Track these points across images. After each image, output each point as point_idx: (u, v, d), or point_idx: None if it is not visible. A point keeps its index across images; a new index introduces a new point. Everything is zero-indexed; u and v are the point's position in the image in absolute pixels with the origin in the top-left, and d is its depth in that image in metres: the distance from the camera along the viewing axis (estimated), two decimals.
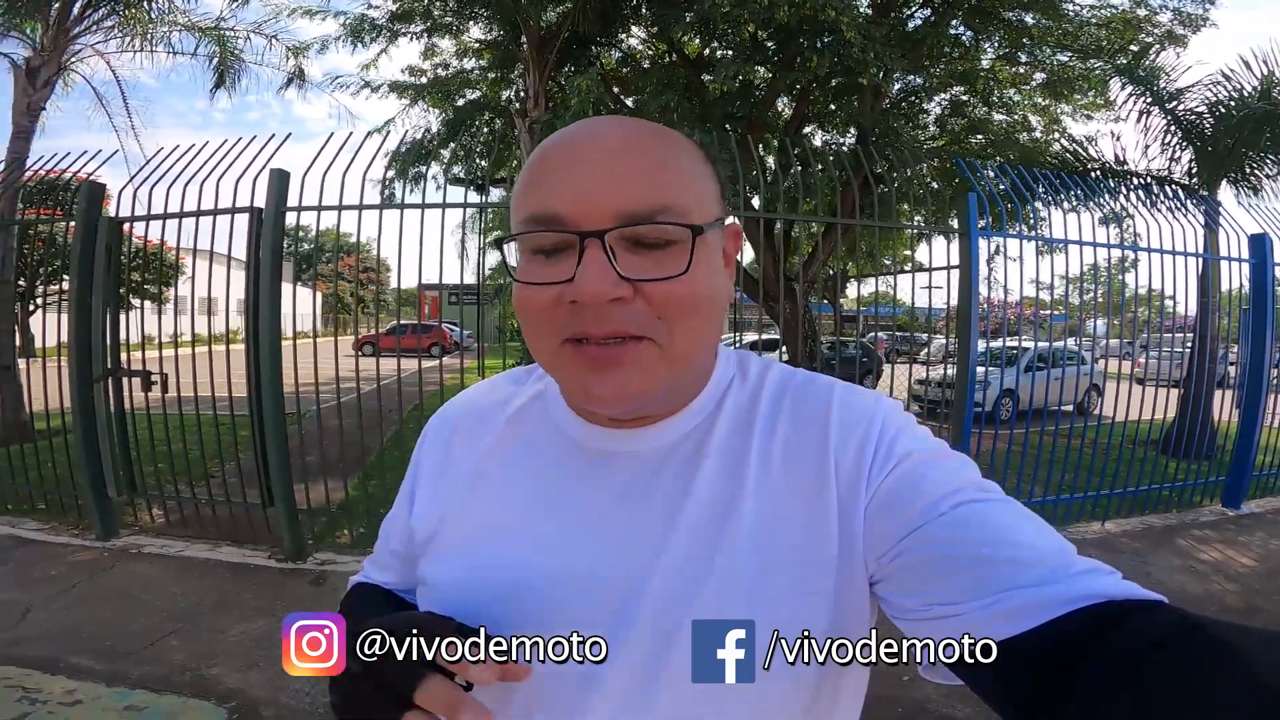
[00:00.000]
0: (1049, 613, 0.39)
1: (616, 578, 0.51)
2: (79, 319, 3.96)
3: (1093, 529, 4.68)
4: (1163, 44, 7.29)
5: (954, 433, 4.37)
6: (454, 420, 0.66)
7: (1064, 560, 0.42)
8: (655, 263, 0.47)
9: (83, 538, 4.20)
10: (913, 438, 0.53)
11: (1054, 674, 0.37)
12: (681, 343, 0.48)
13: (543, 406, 0.61)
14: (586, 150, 0.48)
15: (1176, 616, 0.36)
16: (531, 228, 0.47)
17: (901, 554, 0.47)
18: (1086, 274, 4.98)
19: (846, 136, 9.32)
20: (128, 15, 6.40)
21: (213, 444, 4.41)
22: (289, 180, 3.95)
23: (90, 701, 2.48)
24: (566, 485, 0.56)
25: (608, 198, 0.46)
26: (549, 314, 0.48)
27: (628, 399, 0.48)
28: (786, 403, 0.56)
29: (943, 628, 0.43)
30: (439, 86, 9.32)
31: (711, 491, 0.52)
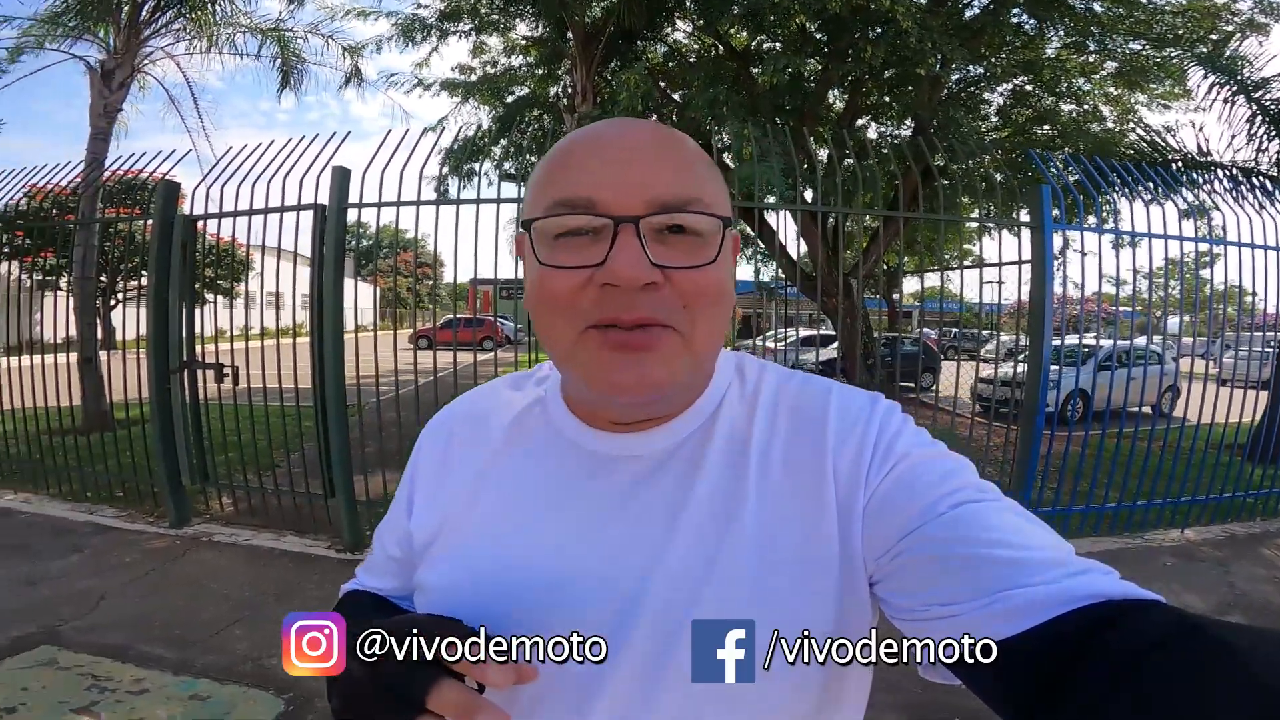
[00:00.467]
0: (1047, 612, 0.39)
1: (618, 580, 0.51)
2: (157, 313, 4.10)
3: (1171, 536, 4.48)
4: (1244, 32, 6.92)
5: (1023, 434, 4.22)
6: (452, 424, 0.65)
7: (1062, 560, 0.42)
8: (684, 253, 0.47)
9: (157, 525, 4.35)
10: (910, 438, 0.53)
11: (1053, 674, 0.37)
12: (703, 334, 0.49)
13: (543, 410, 0.61)
14: (618, 141, 0.49)
15: (1175, 616, 0.36)
16: (562, 211, 0.47)
17: (900, 554, 0.47)
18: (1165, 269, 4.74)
19: (902, 128, 9.10)
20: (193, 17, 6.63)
21: (278, 435, 4.52)
22: (350, 177, 4.03)
23: (156, 690, 2.53)
24: (568, 489, 0.56)
25: (642, 185, 0.46)
26: (574, 299, 0.47)
27: (649, 389, 0.48)
28: (784, 405, 0.57)
29: (941, 628, 0.43)
30: (488, 84, 9.43)
31: (712, 494, 0.53)
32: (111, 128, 6.43)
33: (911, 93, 7.62)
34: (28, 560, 3.73)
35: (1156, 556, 4.14)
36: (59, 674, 2.61)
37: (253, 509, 4.47)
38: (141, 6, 6.39)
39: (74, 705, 2.40)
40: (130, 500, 4.70)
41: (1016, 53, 7.65)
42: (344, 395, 3.99)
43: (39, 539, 4.08)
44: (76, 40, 6.71)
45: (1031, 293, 4.06)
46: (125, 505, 4.67)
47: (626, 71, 7.41)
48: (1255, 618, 3.30)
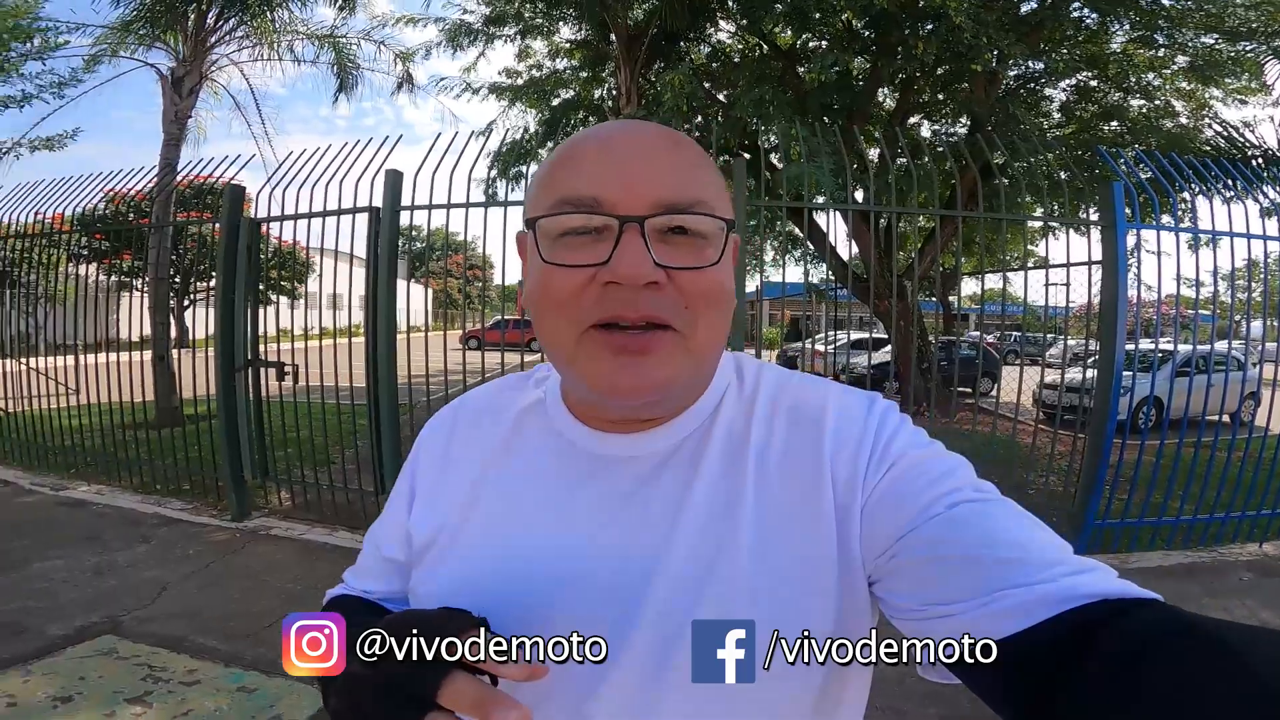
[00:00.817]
0: (1045, 612, 0.39)
1: (619, 582, 0.51)
2: (224, 313, 4.25)
3: (1248, 551, 4.27)
4: None
5: (1091, 442, 4.04)
6: (452, 423, 0.65)
7: (1060, 559, 0.42)
8: (687, 254, 0.47)
9: (220, 518, 4.50)
10: (908, 438, 0.53)
11: (1051, 673, 0.37)
12: (704, 336, 0.49)
13: (543, 411, 0.61)
14: (623, 142, 0.49)
15: (1171, 614, 0.36)
16: (567, 209, 0.47)
17: (898, 554, 0.47)
18: (1244, 270, 4.47)
19: (957, 126, 8.85)
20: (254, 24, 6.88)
21: (334, 432, 4.63)
22: (402, 180, 4.11)
23: (207, 681, 2.59)
24: (567, 491, 0.56)
25: (647, 186, 0.47)
26: (577, 298, 0.47)
27: (650, 390, 0.48)
28: (783, 405, 0.57)
29: (940, 627, 0.42)
30: (534, 87, 9.53)
31: (711, 495, 0.53)
32: (183, 134, 6.72)
33: (966, 89, 7.39)
34: (97, 550, 3.90)
35: (1232, 571, 3.96)
36: (117, 664, 2.70)
37: (308, 504, 4.60)
38: (206, 14, 6.66)
39: (128, 695, 2.47)
40: (196, 493, 4.89)
41: (1079, 47, 7.34)
42: (396, 394, 4.07)
43: (109, 529, 4.26)
44: (149, 48, 7.04)
45: (1103, 295, 3.89)
46: (191, 498, 4.86)
47: (671, 73, 7.39)
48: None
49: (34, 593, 3.32)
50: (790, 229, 9.75)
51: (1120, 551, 4.15)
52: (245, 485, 4.50)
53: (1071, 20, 7.12)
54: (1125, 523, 4.13)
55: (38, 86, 7.76)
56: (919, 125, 9.25)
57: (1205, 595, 3.55)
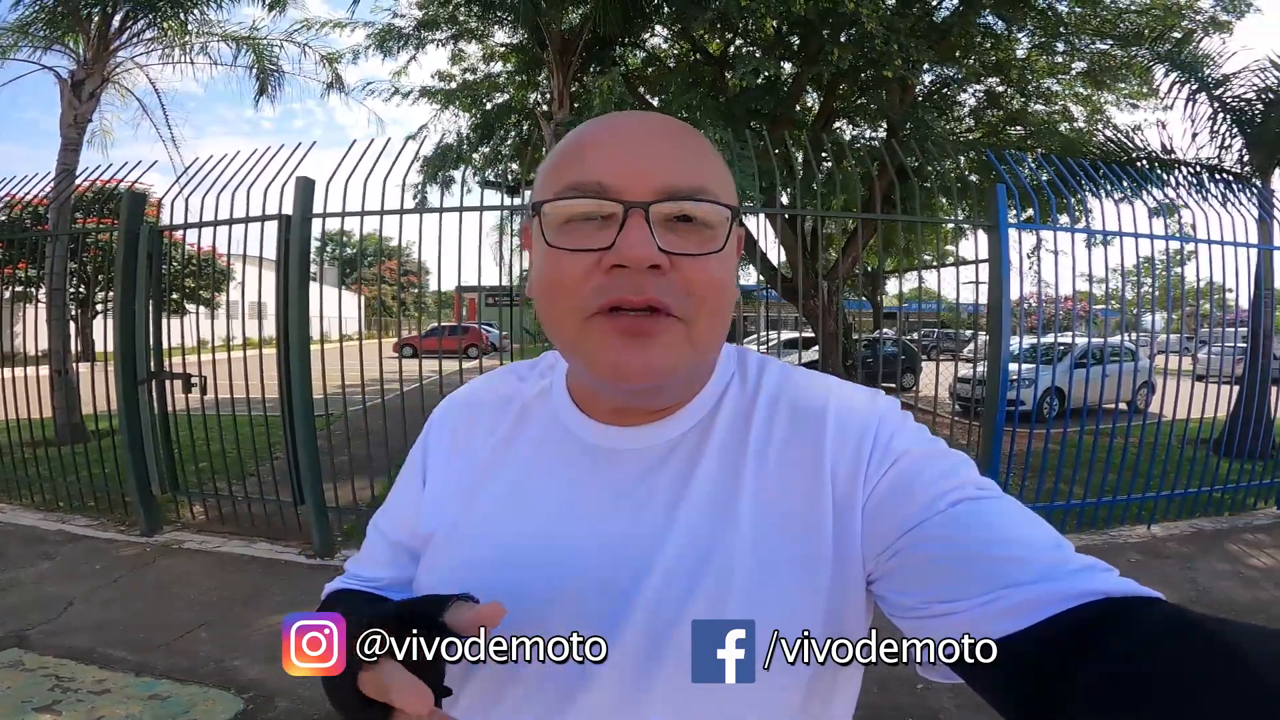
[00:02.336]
0: (1047, 610, 0.39)
1: (613, 574, 0.51)
2: (123, 324, 4.11)
3: (1137, 532, 4.49)
4: (1206, 30, 7.00)
5: (984, 431, 4.23)
6: (460, 408, 0.66)
7: (1062, 557, 0.42)
8: (691, 241, 0.48)
9: (128, 534, 4.35)
10: (910, 436, 0.53)
11: (1053, 671, 0.37)
12: (705, 324, 0.49)
13: (548, 402, 0.61)
14: (630, 130, 0.50)
15: (1174, 613, 0.36)
16: (573, 195, 0.48)
17: (899, 552, 0.47)
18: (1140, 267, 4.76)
19: (877, 130, 9.14)
20: (166, 27, 6.62)
21: (251, 445, 4.53)
22: (314, 187, 4.03)
23: (118, 690, 2.56)
24: (568, 482, 0.56)
25: (652, 172, 0.47)
26: (582, 282, 0.48)
27: (654, 374, 0.48)
28: (784, 402, 0.56)
29: (941, 626, 0.43)
30: (467, 91, 9.44)
31: (708, 490, 0.53)
32: (82, 138, 6.40)
33: (883, 95, 7.67)
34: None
35: (1122, 553, 4.14)
36: (23, 675, 2.64)
37: (223, 517, 4.48)
38: (112, 17, 6.39)
39: (36, 704, 2.44)
40: (102, 509, 4.70)
41: (986, 54, 7.71)
42: (311, 403, 4.00)
43: (11, 547, 4.10)
44: (47, 50, 6.70)
45: (989, 291, 4.09)
46: (97, 514, 4.67)
47: (602, 77, 7.45)
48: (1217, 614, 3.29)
49: None
50: None
51: None
52: (154, 499, 4.36)
53: (979, 27, 7.46)
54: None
55: None
56: (842, 129, 9.53)
57: None
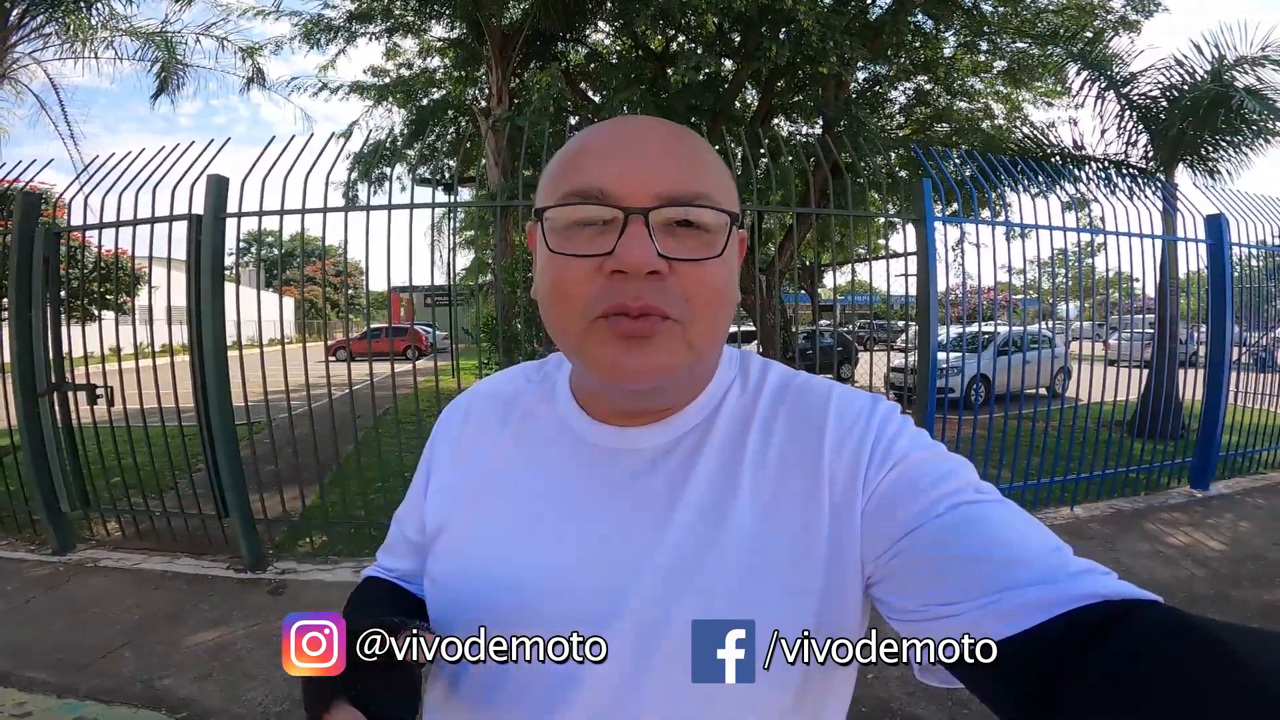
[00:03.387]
0: (1046, 613, 0.39)
1: (607, 572, 0.52)
2: (19, 333, 3.86)
3: (1062, 514, 4.62)
4: (1117, 29, 7.34)
5: (916, 418, 4.35)
6: (465, 413, 0.67)
7: (1061, 561, 0.43)
8: (690, 247, 0.48)
9: (39, 553, 4.10)
10: (909, 440, 0.53)
11: (1052, 674, 0.37)
12: (704, 328, 0.50)
13: (552, 403, 0.62)
14: (631, 136, 0.51)
15: (1173, 616, 0.36)
16: (574, 201, 0.49)
17: (899, 555, 0.47)
18: (1055, 258, 4.98)
19: (814, 126, 9.32)
20: (68, 22, 6.24)
21: (168, 457, 4.32)
22: (228, 186, 3.86)
23: (40, 713, 2.45)
24: (570, 481, 0.57)
25: (652, 179, 0.48)
26: (583, 287, 0.48)
27: (653, 374, 0.49)
28: (784, 405, 0.57)
29: (940, 628, 0.43)
30: (402, 86, 9.21)
31: (706, 491, 0.53)
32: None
33: (819, 92, 7.83)
34: None
35: None
36: None
37: (141, 533, 4.27)
38: (9, 12, 5.99)
39: None
40: (9, 529, 4.42)
41: (916, 53, 7.95)
42: (230, 412, 3.84)
43: None
44: None
45: (917, 283, 4.21)
46: (3, 534, 4.39)
47: (543, 73, 7.38)
48: None
49: None
50: None
51: None
52: (64, 517, 4.11)
53: (909, 26, 7.68)
54: None
55: None
56: (780, 126, 9.69)
57: None
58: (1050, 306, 5.99)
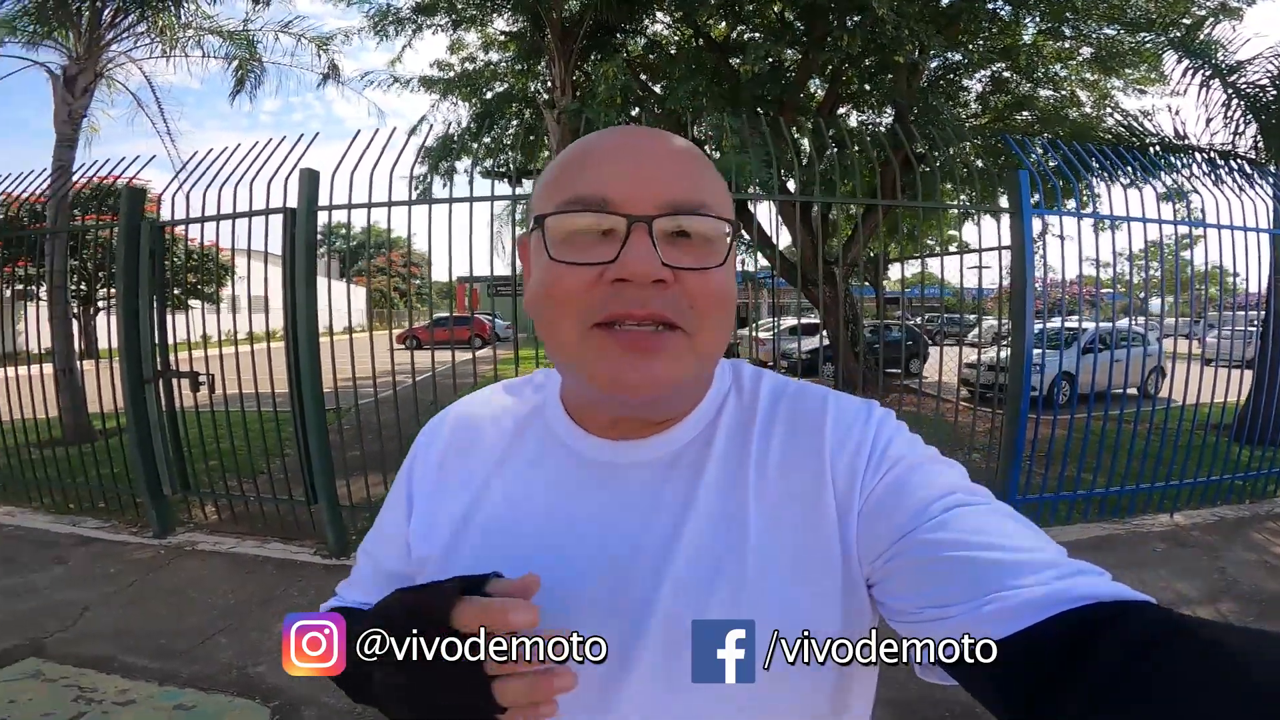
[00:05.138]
0: (1040, 614, 0.39)
1: (626, 590, 0.51)
2: (127, 322, 4.03)
3: (1160, 521, 4.40)
4: (1216, 16, 6.93)
5: (1008, 418, 4.20)
6: (450, 429, 0.64)
7: (1054, 562, 0.43)
8: (692, 256, 0.48)
9: (141, 535, 4.29)
10: (904, 444, 0.54)
11: (1048, 675, 0.37)
12: (709, 336, 0.50)
13: (543, 419, 0.60)
14: (631, 145, 0.50)
15: (1166, 616, 0.36)
16: (576, 208, 0.48)
17: (894, 557, 0.48)
18: (1148, 251, 4.74)
19: (883, 116, 9.09)
20: (155, 21, 6.48)
21: (262, 441, 4.46)
22: (319, 179, 3.95)
23: (143, 701, 2.51)
24: (571, 499, 0.56)
25: (655, 187, 0.47)
26: (583, 296, 0.47)
27: (657, 387, 0.48)
28: (781, 412, 0.57)
29: (935, 630, 0.43)
30: (466, 80, 9.32)
31: (714, 502, 0.53)
32: (78, 134, 6.29)
33: (890, 80, 7.62)
34: (11, 573, 3.69)
35: (1146, 542, 4.08)
36: (45, 686, 2.59)
37: (236, 517, 4.43)
38: (102, 11, 6.25)
39: (60, 717, 2.39)
40: (113, 511, 4.64)
41: (994, 39, 7.66)
42: (321, 399, 3.94)
43: (22, 552, 4.02)
44: (37, 46, 6.57)
45: (1012, 277, 4.06)
46: (108, 516, 4.61)
47: (605, 64, 7.36)
48: (1246, 604, 3.26)
49: None
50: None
51: (1042, 526, 4.30)
52: (165, 500, 4.29)
53: (987, 12, 7.41)
54: (1044, 497, 4.25)
55: None
56: (848, 115, 9.47)
57: (1121, 567, 3.63)
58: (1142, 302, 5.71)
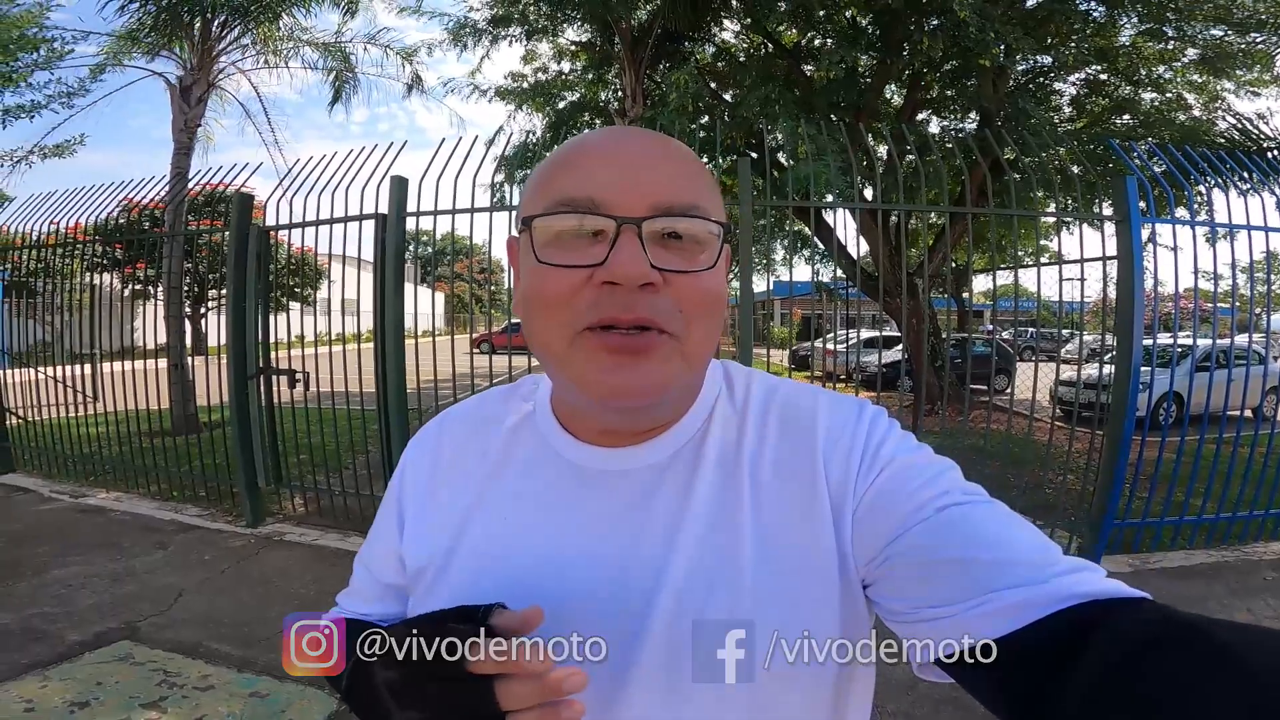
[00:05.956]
0: (1038, 612, 0.39)
1: (622, 599, 0.51)
2: (235, 321, 4.28)
3: (1273, 550, 4.14)
4: None
5: (1109, 439, 3.96)
6: (436, 443, 0.63)
7: (1050, 559, 0.42)
8: (683, 258, 0.47)
9: (235, 524, 4.54)
10: (897, 443, 0.53)
11: (1046, 672, 0.37)
12: (698, 340, 0.49)
13: (534, 426, 0.60)
14: (622, 146, 0.49)
15: (1164, 613, 0.36)
16: (565, 210, 0.47)
17: (889, 558, 0.47)
18: (1266, 263, 4.37)
19: (966, 121, 8.77)
20: (259, 32, 6.91)
21: (348, 437, 4.65)
22: (408, 186, 4.11)
23: (221, 687, 2.62)
24: (564, 507, 0.55)
25: (645, 188, 0.47)
26: (571, 299, 0.47)
27: (647, 392, 0.48)
28: (774, 413, 0.57)
29: (933, 629, 0.43)
30: (540, 90, 9.54)
31: (709, 506, 0.53)
32: (193, 142, 6.76)
33: (974, 85, 7.33)
34: (115, 557, 3.94)
35: (1257, 570, 3.85)
36: (133, 669, 2.73)
37: (321, 510, 4.62)
38: (211, 22, 6.71)
39: (143, 701, 2.50)
40: (212, 499, 4.93)
41: (1087, 40, 7.25)
42: (405, 399, 4.08)
43: (127, 536, 4.30)
44: (155, 57, 7.09)
45: (1119, 290, 3.83)
46: (208, 504, 4.90)
47: (675, 72, 7.38)
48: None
49: (53, 599, 3.36)
50: (799, 228, 9.70)
51: (1141, 551, 4.04)
52: (259, 492, 4.53)
53: (1078, 13, 7.04)
54: (1146, 522, 4.03)
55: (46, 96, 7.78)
56: (927, 121, 9.17)
57: (1229, 595, 3.48)
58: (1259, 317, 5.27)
